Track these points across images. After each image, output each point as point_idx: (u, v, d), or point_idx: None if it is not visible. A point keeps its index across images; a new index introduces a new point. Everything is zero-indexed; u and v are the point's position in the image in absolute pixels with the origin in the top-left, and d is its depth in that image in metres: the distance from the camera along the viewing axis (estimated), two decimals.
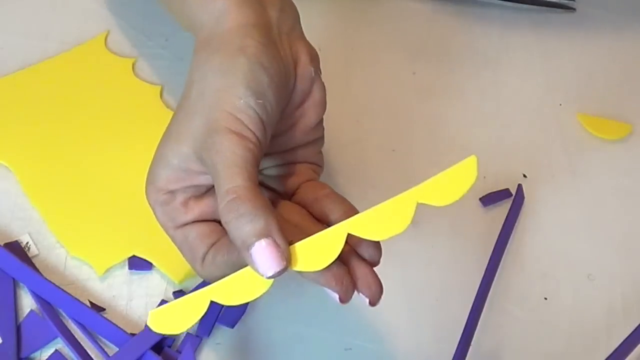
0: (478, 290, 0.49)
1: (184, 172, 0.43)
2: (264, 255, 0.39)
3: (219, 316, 0.48)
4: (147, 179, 0.44)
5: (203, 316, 0.41)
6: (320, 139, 0.47)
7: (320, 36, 0.56)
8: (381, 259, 0.51)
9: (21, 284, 0.48)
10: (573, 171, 0.55)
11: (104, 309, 0.48)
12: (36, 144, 0.53)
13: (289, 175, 0.46)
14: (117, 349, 0.46)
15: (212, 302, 0.47)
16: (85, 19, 0.60)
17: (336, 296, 0.41)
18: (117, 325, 0.47)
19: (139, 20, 0.60)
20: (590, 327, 0.49)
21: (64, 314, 0.48)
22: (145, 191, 0.44)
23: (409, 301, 0.49)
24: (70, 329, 0.47)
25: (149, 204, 0.44)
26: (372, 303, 0.42)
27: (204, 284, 0.48)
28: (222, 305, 0.48)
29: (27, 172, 0.52)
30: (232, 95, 0.42)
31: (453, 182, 0.41)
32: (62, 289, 0.48)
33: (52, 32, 0.59)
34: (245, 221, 0.40)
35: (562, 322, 0.49)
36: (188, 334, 0.47)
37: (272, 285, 0.40)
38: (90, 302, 0.48)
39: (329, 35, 0.60)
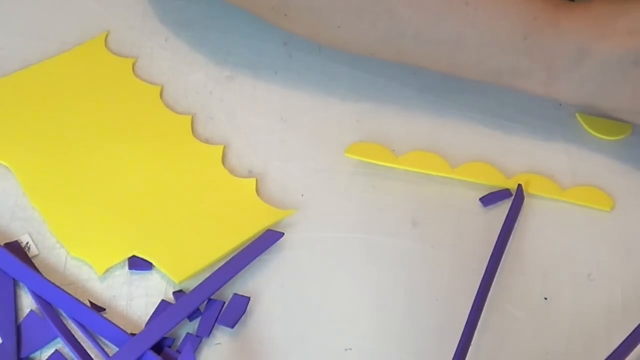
0: (478, 290, 0.49)
1: None
2: None
3: (219, 316, 0.48)
4: None
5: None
6: None
7: None
8: (380, 259, 0.51)
9: (21, 284, 0.48)
10: (573, 171, 0.55)
11: (104, 309, 0.48)
12: (36, 144, 0.53)
13: None
14: (117, 349, 0.46)
15: (210, 301, 0.47)
16: (85, 19, 0.60)
17: None
18: (117, 325, 0.47)
19: (139, 20, 0.60)
20: (590, 327, 0.49)
21: (64, 314, 0.48)
22: None
23: (409, 301, 0.49)
24: (70, 329, 0.47)
25: None
26: None
27: (204, 283, 0.48)
28: (222, 305, 0.48)
29: (27, 172, 0.52)
30: None
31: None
32: (62, 289, 0.48)
33: (52, 32, 0.59)
34: None
35: (562, 322, 0.49)
36: (188, 334, 0.47)
37: None
38: (90, 302, 0.48)
39: None
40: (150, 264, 0.49)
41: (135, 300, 0.49)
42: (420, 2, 0.50)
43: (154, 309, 0.48)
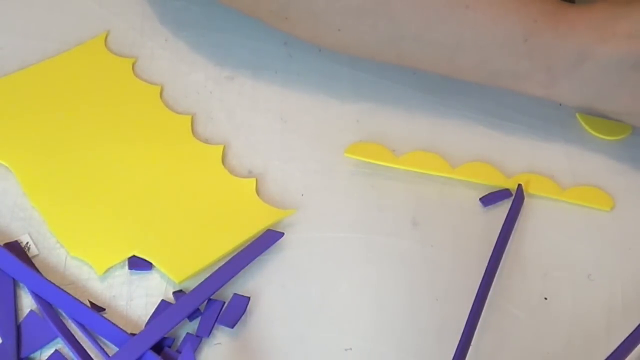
0: (478, 290, 0.49)
1: None
2: None
3: (219, 316, 0.48)
4: None
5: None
6: None
7: None
8: (380, 259, 0.51)
9: (21, 284, 0.48)
10: (573, 171, 0.55)
11: (104, 309, 0.48)
12: (36, 144, 0.53)
13: None
14: (117, 349, 0.46)
15: (210, 301, 0.47)
16: (85, 19, 0.60)
17: None
18: (117, 325, 0.47)
19: (139, 20, 0.60)
20: (590, 327, 0.49)
21: (64, 314, 0.48)
22: None
23: (409, 301, 0.49)
24: (70, 329, 0.47)
25: None
26: None
27: (204, 283, 0.48)
28: (222, 305, 0.48)
29: (27, 172, 0.52)
30: None
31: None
32: (62, 289, 0.48)
33: (52, 32, 0.59)
34: None
35: (562, 322, 0.49)
36: (188, 334, 0.47)
37: None
38: (90, 302, 0.48)
39: None
40: (150, 264, 0.49)
41: (135, 300, 0.49)
42: (420, 4, 0.50)
43: (154, 309, 0.48)
